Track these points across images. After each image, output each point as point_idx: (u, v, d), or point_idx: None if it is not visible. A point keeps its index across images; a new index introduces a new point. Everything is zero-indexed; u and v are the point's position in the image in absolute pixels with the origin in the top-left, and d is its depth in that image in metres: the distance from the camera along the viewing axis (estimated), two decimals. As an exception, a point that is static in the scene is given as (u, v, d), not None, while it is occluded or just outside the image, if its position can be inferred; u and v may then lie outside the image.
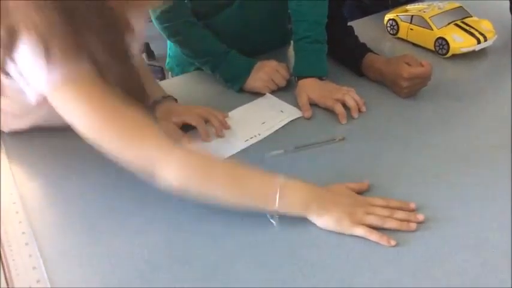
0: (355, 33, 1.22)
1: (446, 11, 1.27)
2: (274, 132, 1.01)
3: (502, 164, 0.88)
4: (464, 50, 1.20)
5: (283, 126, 1.02)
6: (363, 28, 1.29)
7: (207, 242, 0.77)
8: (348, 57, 1.19)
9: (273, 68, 1.13)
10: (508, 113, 1.01)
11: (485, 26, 1.25)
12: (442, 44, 1.22)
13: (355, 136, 0.98)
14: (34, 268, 0.75)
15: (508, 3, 1.37)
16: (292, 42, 1.17)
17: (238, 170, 0.79)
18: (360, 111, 1.04)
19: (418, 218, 0.76)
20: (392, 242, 0.72)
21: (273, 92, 1.13)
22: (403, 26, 1.31)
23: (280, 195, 0.74)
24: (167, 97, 1.04)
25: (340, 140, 0.97)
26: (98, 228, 0.81)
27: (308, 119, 1.04)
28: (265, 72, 1.13)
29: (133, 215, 0.83)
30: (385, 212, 0.76)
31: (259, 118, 1.04)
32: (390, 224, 0.75)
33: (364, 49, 1.17)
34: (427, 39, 1.25)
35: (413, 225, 0.75)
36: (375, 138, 0.98)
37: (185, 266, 0.73)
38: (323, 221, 0.75)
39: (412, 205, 0.78)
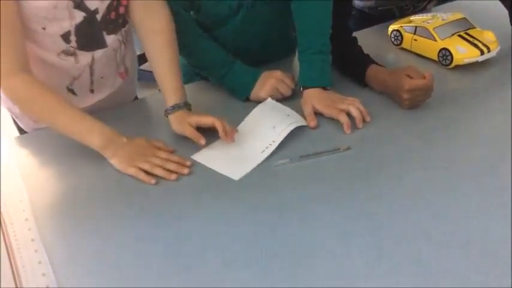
0: (359, 44, 1.23)
1: (450, 22, 1.28)
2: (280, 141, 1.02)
3: (503, 173, 0.88)
4: (468, 61, 1.21)
5: (289, 135, 1.02)
6: (367, 38, 1.30)
7: (212, 249, 0.78)
8: (352, 68, 1.20)
9: (278, 78, 1.15)
10: (510, 123, 1.01)
11: (489, 37, 1.26)
12: (445, 55, 1.23)
13: (360, 146, 0.99)
14: (44, 275, 0.76)
15: (511, 15, 1.39)
16: (297, 52, 1.19)
17: (58, 106, 0.96)
18: (364, 121, 1.05)
19: (183, 171, 0.94)
20: (152, 181, 0.92)
21: (279, 101, 1.13)
22: (407, 37, 1.32)
23: (87, 137, 0.96)
24: (180, 105, 1.05)
25: (345, 149, 0.98)
26: (105, 235, 0.83)
27: (313, 128, 1.05)
28: (271, 82, 1.14)
29: (140, 223, 0.84)
30: (158, 162, 0.94)
31: (269, 123, 1.04)
32: (157, 171, 0.93)
33: (367, 60, 1.18)
34: (431, 50, 1.26)
35: (174, 176, 0.93)
36: (379, 148, 0.99)
37: (191, 273, 0.74)
38: (112, 161, 0.96)
39: (188, 163, 0.96)
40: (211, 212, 0.85)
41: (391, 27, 1.37)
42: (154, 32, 1.07)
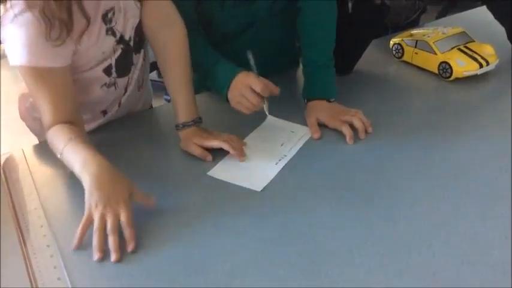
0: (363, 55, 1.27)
1: (450, 36, 1.31)
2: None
3: (503, 185, 0.91)
4: (467, 73, 1.24)
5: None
6: (369, 51, 1.33)
7: (222, 254, 0.81)
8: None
9: (246, 86, 1.04)
10: (508, 135, 1.04)
11: (488, 50, 1.29)
12: (445, 68, 1.26)
13: (362, 156, 1.02)
14: (59, 279, 0.79)
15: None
16: (301, 64, 1.22)
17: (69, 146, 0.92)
18: (367, 132, 1.07)
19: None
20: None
21: (282, 113, 1.16)
22: (408, 50, 1.36)
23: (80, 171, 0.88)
24: (189, 124, 1.06)
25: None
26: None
27: (317, 139, 1.08)
28: (238, 89, 1.05)
29: (151, 231, 0.87)
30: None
31: (276, 141, 1.07)
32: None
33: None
34: (431, 63, 1.30)
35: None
36: (381, 158, 1.02)
37: (201, 277, 0.77)
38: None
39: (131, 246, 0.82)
40: (219, 218, 0.88)
41: (393, 41, 1.40)
42: (170, 43, 1.06)
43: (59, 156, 0.93)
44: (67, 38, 0.88)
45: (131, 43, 1.04)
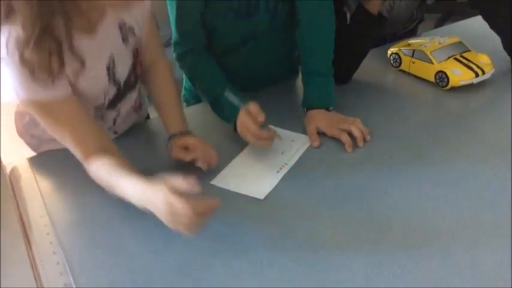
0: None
1: (446, 45, 1.34)
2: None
3: (501, 195, 0.93)
4: (463, 83, 1.27)
5: (293, 154, 1.09)
6: (367, 60, 1.35)
7: (222, 263, 0.83)
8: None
9: (247, 129, 1.05)
10: (505, 143, 1.06)
11: (483, 59, 1.31)
12: (442, 77, 1.28)
13: (360, 164, 1.04)
14: (65, 285, 0.81)
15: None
16: (300, 74, 1.24)
17: (113, 177, 0.89)
18: (365, 140, 1.10)
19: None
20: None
21: (282, 122, 1.17)
22: (405, 60, 1.38)
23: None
24: (177, 134, 1.07)
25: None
26: (120, 248, 0.88)
27: (317, 148, 1.10)
28: (243, 130, 1.06)
29: (154, 237, 0.89)
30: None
31: (277, 149, 1.09)
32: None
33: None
34: (428, 72, 1.32)
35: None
36: (379, 166, 1.04)
37: (202, 282, 0.80)
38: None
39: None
40: (222, 225, 0.90)
41: (390, 50, 1.43)
42: (157, 80, 1.13)
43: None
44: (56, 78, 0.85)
45: (122, 84, 1.05)
